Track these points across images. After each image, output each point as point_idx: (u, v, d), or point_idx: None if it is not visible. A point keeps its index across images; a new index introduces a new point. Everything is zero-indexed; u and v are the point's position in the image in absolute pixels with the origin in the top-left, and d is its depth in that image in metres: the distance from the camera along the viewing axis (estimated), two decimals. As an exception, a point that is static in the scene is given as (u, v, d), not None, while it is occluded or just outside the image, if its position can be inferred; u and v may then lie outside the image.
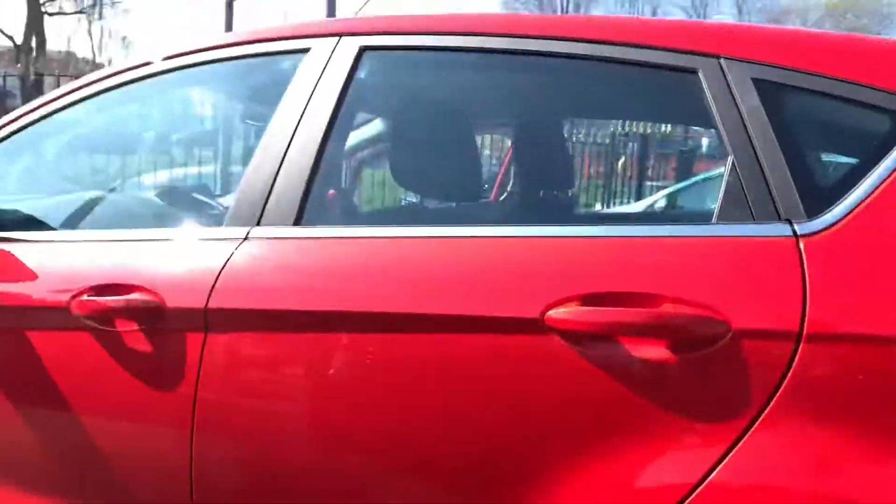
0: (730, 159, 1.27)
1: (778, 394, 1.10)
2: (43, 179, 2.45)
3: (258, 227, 1.54)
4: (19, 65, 16.38)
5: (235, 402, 1.51)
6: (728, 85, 1.30)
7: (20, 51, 16.68)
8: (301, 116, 1.61)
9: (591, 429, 1.20)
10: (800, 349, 1.10)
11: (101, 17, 25.82)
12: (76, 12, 21.34)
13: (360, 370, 1.40)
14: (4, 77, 10.22)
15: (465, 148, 1.83)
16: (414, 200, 1.92)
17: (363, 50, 1.61)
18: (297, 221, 1.51)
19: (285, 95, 1.66)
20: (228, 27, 10.77)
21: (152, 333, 1.55)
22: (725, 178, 1.27)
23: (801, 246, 1.15)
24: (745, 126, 1.26)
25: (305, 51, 1.68)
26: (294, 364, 1.48)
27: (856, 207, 1.16)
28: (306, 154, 1.57)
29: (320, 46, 1.65)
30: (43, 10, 17.01)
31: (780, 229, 1.18)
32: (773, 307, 1.13)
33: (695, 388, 1.16)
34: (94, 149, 2.53)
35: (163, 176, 2.38)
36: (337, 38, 1.65)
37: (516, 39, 1.50)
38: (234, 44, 1.77)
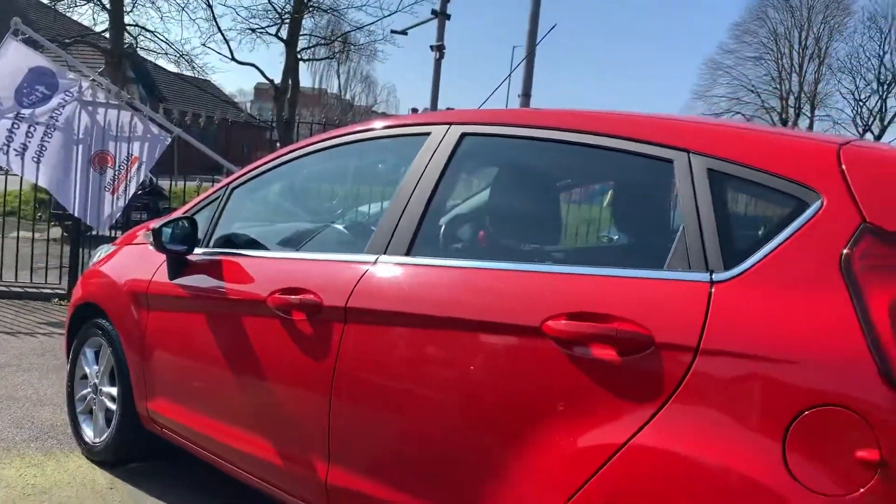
0: (682, 225, 1.82)
1: (681, 386, 1.65)
2: (268, 212, 3.42)
3: (384, 255, 2.31)
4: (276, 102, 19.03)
5: (359, 374, 2.28)
6: (692, 173, 1.85)
7: (278, 91, 19.39)
8: (420, 178, 2.37)
9: (567, 403, 1.81)
10: (696, 358, 1.64)
11: (348, 59, 29.03)
12: (326, 58, 24.27)
13: (438, 355, 2.10)
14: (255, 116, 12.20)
15: (529, 205, 2.49)
16: (474, 241, 2.63)
17: (463, 135, 2.34)
18: (408, 252, 2.26)
19: (413, 163, 2.43)
20: (437, 77, 12.13)
21: (313, 322, 2.37)
22: (676, 238, 1.82)
23: (712, 289, 1.69)
24: (696, 203, 1.81)
25: (428, 134, 2.45)
26: (397, 348, 2.21)
27: (755, 265, 1.67)
28: (419, 206, 2.32)
29: (437, 131, 2.41)
30: (298, 56, 19.66)
31: (702, 276, 1.73)
32: (682, 329, 1.67)
33: (631, 379, 1.73)
34: (307, 191, 3.46)
35: (347, 214, 3.23)
36: (447, 126, 2.40)
37: (555, 131, 2.15)
38: (399, 125, 2.61)
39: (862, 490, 1.44)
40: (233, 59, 19.46)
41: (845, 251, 1.59)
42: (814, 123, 38.13)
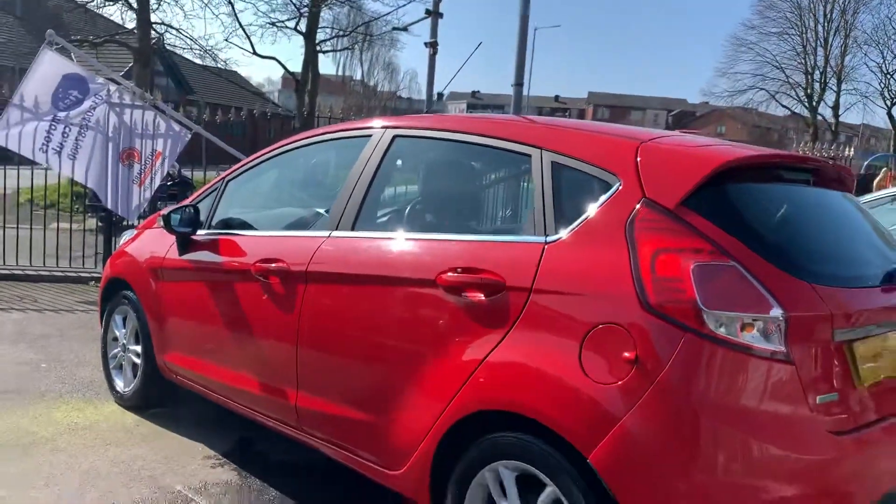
0: (533, 203, 2.49)
1: (521, 315, 2.34)
2: (255, 199, 4.11)
3: (335, 231, 3.00)
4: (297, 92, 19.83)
5: (315, 321, 2.99)
6: (542, 165, 2.52)
7: (298, 82, 20.23)
8: (362, 170, 3.06)
9: (451, 332, 2.50)
10: (531, 296, 2.32)
11: (369, 48, 29.77)
12: (345, 49, 25.06)
13: (368, 302, 2.82)
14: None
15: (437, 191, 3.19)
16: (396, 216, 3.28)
17: (395, 137, 3.02)
18: (353, 228, 2.96)
19: (358, 158, 3.11)
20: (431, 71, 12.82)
21: (284, 284, 3.09)
22: (528, 212, 2.49)
23: (545, 248, 2.37)
24: (542, 186, 2.48)
25: (369, 136, 3.13)
26: (340, 299, 2.92)
27: (574, 230, 2.35)
28: (361, 192, 3.01)
29: (376, 133, 3.10)
30: (318, 48, 20.45)
31: (539, 239, 2.41)
32: (523, 276, 2.36)
33: (491, 313, 2.42)
34: (283, 182, 4.16)
35: (312, 200, 3.94)
36: (384, 129, 3.08)
37: (456, 133, 2.85)
38: (349, 129, 3.32)
39: (626, 378, 2.12)
40: (254, 53, 20.34)
41: (629, 218, 2.26)
42: (840, 98, 37.90)
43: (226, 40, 28.57)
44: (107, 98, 7.59)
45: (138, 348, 4.18)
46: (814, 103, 38.01)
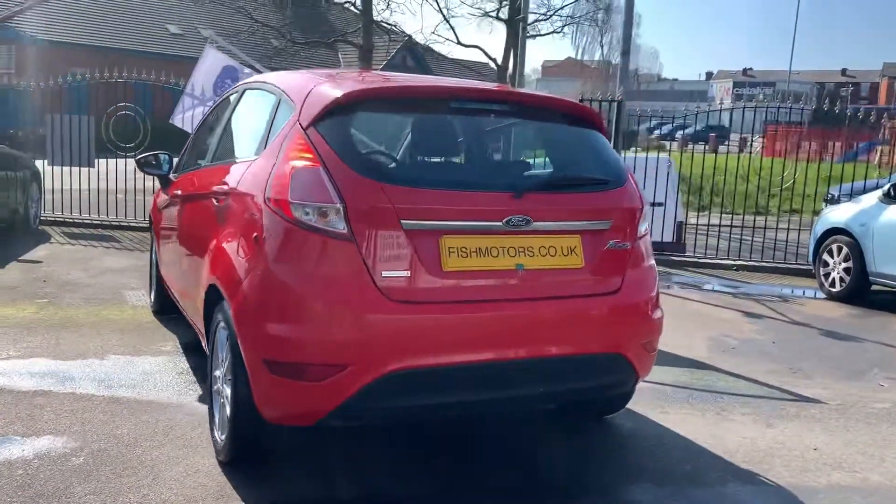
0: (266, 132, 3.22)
1: (225, 213, 3.25)
2: (196, 149, 5.02)
3: (203, 163, 3.98)
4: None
5: (185, 228, 3.99)
6: (277, 103, 3.26)
7: (500, 70, 21.14)
8: (223, 118, 3.99)
9: (212, 230, 3.37)
10: (229, 199, 3.16)
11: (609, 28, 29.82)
12: (551, 32, 25.41)
13: (192, 211, 3.74)
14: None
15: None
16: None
17: (245, 90, 3.90)
18: (212, 162, 3.92)
19: (226, 111, 4.05)
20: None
21: (182, 204, 4.25)
22: (263, 139, 3.22)
23: (252, 163, 3.20)
24: (270, 119, 3.27)
25: (237, 91, 4.03)
26: (189, 210, 3.89)
27: (266, 149, 3.09)
28: (216, 135, 3.95)
29: (236, 92, 4.01)
30: (525, 34, 21.10)
31: (253, 157, 3.17)
32: (232, 184, 3.20)
33: (219, 213, 3.27)
34: (210, 132, 5.09)
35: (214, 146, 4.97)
36: (242, 89, 3.96)
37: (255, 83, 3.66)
38: (232, 92, 4.25)
39: (251, 254, 2.95)
40: (458, 42, 21.61)
41: (286, 137, 3.04)
42: None
43: (433, 33, 30.56)
44: (250, 85, 9.22)
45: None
46: None
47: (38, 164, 9.59)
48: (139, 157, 4.97)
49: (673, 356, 5.14)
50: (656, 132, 27.02)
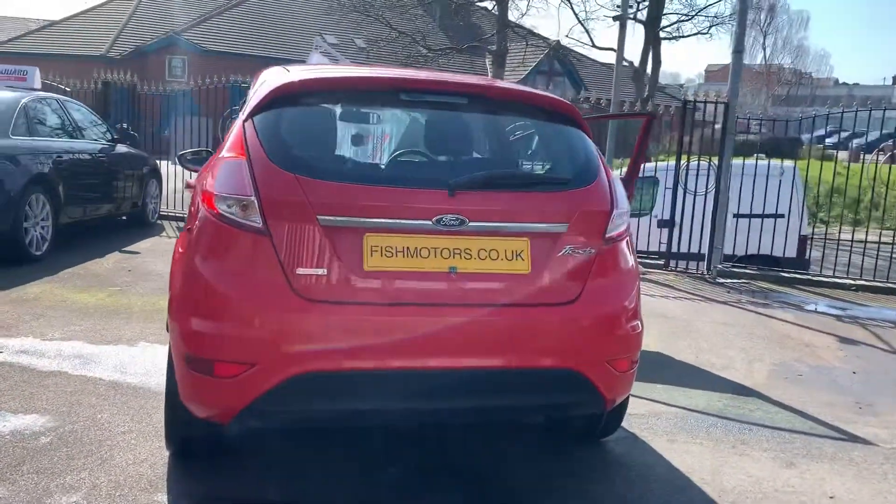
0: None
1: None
2: None
3: None
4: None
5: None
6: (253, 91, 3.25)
7: (636, 72, 20.28)
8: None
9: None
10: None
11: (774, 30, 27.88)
12: (694, 34, 24.04)
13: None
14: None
15: None
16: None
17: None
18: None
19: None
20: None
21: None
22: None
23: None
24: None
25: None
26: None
27: (227, 139, 3.06)
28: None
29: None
30: (662, 35, 20.22)
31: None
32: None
33: (190, 207, 3.25)
34: None
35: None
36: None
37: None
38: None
39: (185, 246, 2.81)
40: (593, 45, 21.06)
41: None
42: None
43: (566, 35, 29.99)
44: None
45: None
46: None
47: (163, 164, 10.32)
48: (182, 152, 5.18)
49: (717, 379, 4.66)
50: (828, 140, 24.75)
